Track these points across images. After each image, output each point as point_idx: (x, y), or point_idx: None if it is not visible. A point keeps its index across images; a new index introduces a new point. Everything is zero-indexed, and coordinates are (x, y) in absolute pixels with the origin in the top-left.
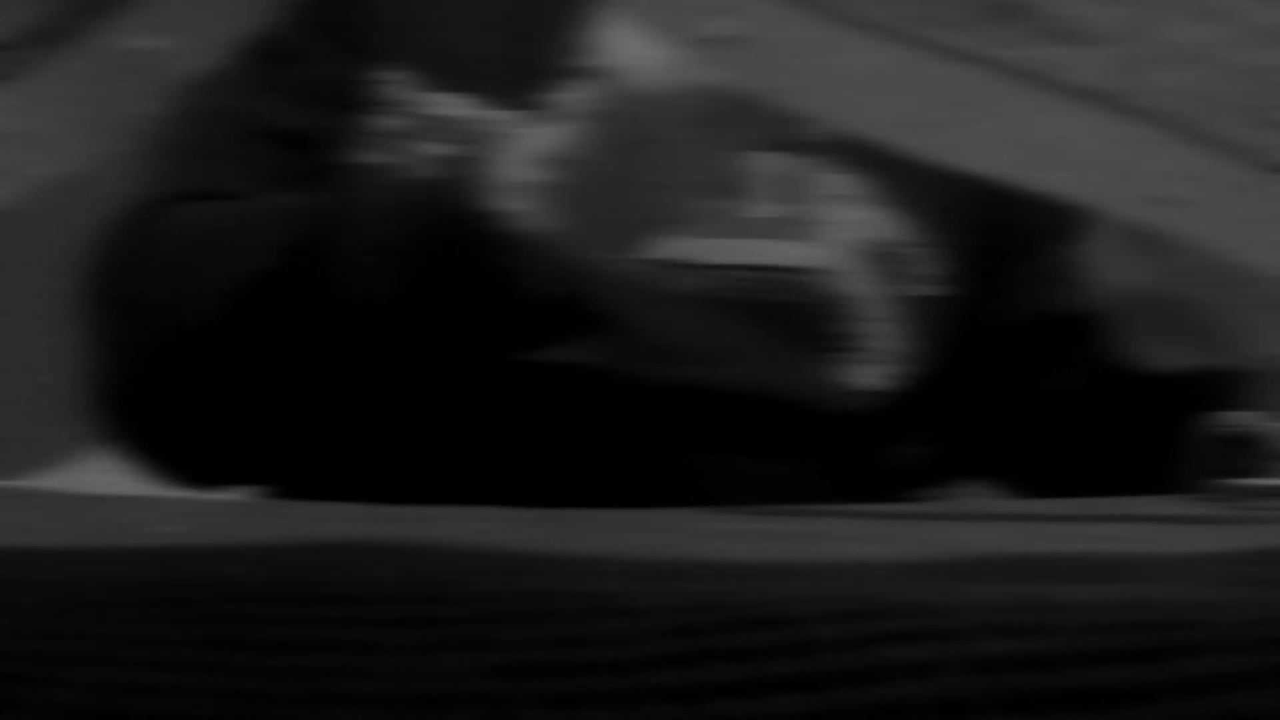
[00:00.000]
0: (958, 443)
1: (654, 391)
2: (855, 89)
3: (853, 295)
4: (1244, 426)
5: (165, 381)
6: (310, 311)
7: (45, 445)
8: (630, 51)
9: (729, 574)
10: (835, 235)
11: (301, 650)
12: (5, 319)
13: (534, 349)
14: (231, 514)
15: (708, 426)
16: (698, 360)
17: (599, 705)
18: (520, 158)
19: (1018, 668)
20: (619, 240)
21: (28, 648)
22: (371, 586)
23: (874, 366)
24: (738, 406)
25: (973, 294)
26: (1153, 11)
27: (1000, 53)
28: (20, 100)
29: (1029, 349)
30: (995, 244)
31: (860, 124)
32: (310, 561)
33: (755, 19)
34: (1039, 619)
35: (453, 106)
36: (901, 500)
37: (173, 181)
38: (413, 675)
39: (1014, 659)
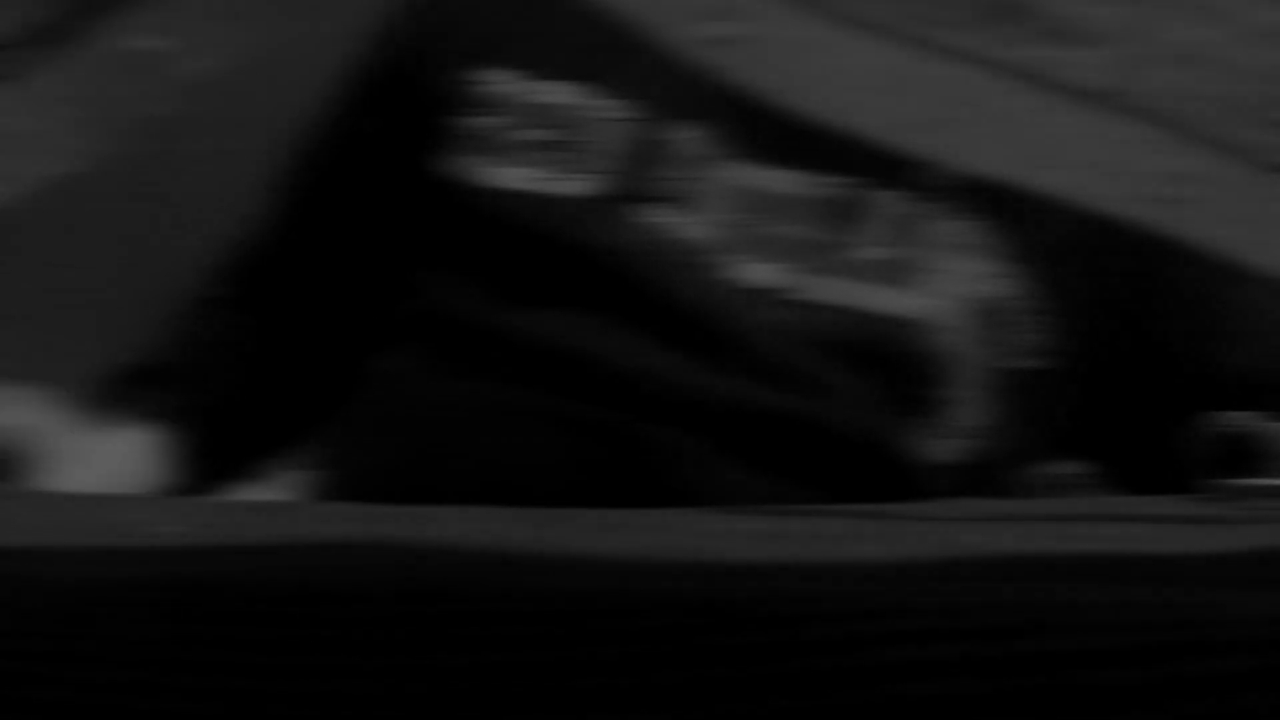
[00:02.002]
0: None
1: (731, 409)
2: (855, 89)
3: (949, 356)
4: (1244, 426)
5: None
6: None
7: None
8: None
9: (729, 574)
10: (943, 286)
11: (301, 650)
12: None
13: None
14: (231, 514)
15: (769, 451)
16: (782, 388)
17: (599, 705)
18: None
19: (1018, 668)
20: None
21: (28, 648)
22: (371, 586)
23: (951, 440)
24: (807, 440)
25: (1082, 366)
26: (1153, 11)
27: (1000, 53)
28: (20, 100)
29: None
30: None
31: (860, 124)
32: (310, 562)
33: (756, 19)
34: (1039, 619)
35: (553, 94)
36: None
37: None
38: (413, 675)
39: (1014, 659)
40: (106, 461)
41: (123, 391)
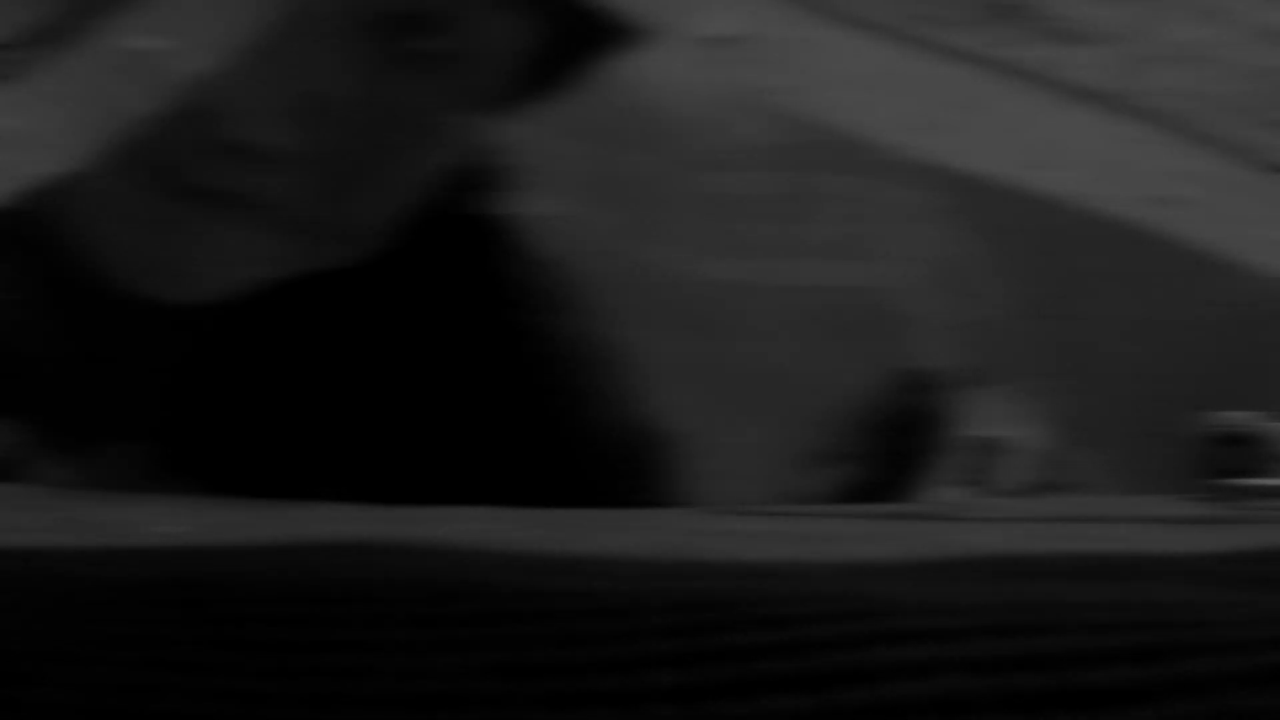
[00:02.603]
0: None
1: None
2: (855, 89)
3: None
4: (1244, 426)
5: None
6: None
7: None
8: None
9: (729, 574)
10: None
11: (302, 650)
12: None
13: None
14: (231, 514)
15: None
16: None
17: (599, 705)
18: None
19: (1018, 668)
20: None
21: (28, 648)
22: (371, 586)
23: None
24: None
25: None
26: (1153, 12)
27: (1000, 53)
28: (20, 100)
29: None
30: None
31: (860, 124)
32: (310, 561)
33: (756, 19)
34: (1039, 619)
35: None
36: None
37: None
38: (413, 675)
39: (1014, 659)
40: None
41: None
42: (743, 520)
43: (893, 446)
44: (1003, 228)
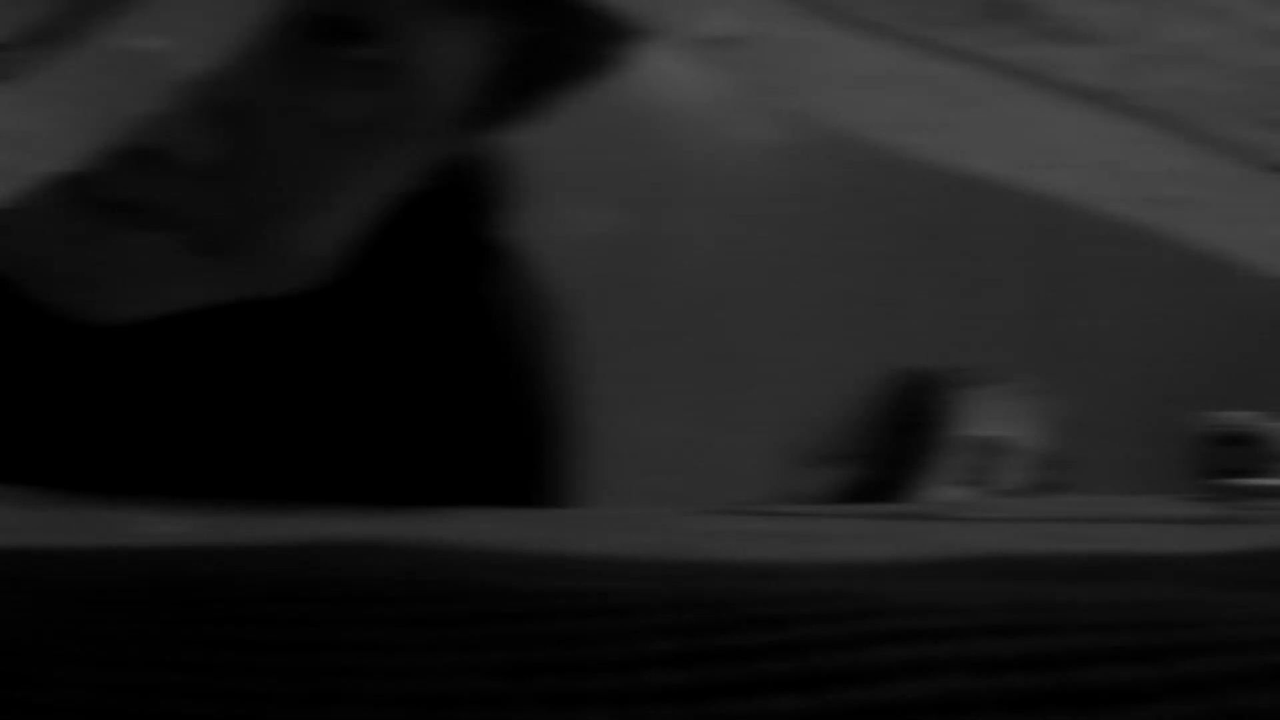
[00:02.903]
0: None
1: None
2: (855, 89)
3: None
4: (1244, 426)
5: None
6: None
7: None
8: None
9: (729, 574)
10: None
11: (302, 650)
12: None
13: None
14: (231, 514)
15: None
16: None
17: (599, 705)
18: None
19: (1018, 668)
20: None
21: (28, 648)
22: (371, 586)
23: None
24: None
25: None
26: (1153, 11)
27: (1000, 53)
28: (20, 100)
29: None
30: None
31: (860, 123)
32: (310, 561)
33: (754, 17)
34: (1039, 619)
35: None
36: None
37: None
38: (413, 675)
39: (1014, 659)
40: None
41: None
42: (743, 520)
43: (893, 446)
44: (1002, 227)
